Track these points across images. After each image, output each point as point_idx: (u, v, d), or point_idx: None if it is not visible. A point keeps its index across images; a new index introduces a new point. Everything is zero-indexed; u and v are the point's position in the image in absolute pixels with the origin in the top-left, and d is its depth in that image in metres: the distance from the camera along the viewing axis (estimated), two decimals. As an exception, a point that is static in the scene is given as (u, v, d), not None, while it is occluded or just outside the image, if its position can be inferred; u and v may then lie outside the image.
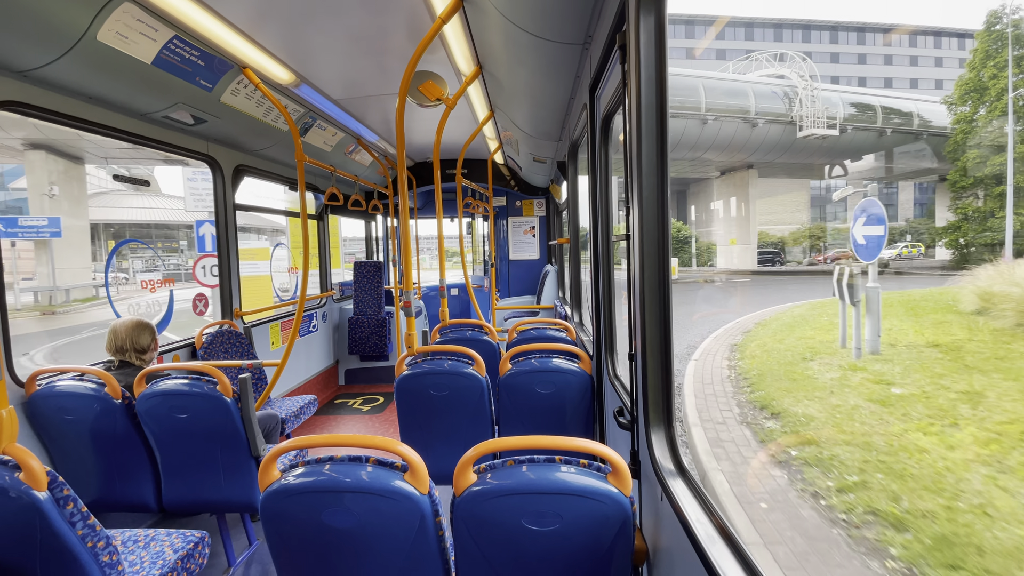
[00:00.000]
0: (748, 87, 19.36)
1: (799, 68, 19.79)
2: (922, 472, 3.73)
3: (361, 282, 5.92)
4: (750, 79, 20.80)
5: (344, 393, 5.81)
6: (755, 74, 22.42)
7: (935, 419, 4.61)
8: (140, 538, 1.93)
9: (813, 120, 18.40)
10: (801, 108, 18.55)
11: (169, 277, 5.25)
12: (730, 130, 18.94)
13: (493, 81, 3.13)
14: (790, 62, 21.16)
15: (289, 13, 2.44)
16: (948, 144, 11.83)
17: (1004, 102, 8.54)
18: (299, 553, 1.36)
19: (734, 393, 6.01)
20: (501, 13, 1.97)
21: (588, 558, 1.26)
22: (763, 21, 34.86)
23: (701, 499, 1.14)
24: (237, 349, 3.72)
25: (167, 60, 2.50)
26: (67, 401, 2.25)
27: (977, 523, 3.07)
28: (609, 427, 2.33)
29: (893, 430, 4.57)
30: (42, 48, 2.08)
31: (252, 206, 4.34)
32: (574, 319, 4.42)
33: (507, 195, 7.44)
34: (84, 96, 2.52)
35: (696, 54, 38.38)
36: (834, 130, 18.11)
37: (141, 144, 3.04)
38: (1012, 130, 8.22)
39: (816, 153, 19.31)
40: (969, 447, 3.95)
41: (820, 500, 3.57)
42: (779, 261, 22.77)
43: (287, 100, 3.56)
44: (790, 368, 6.68)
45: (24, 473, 1.37)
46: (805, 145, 18.95)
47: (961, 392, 5.10)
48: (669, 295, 1.32)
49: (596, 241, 2.52)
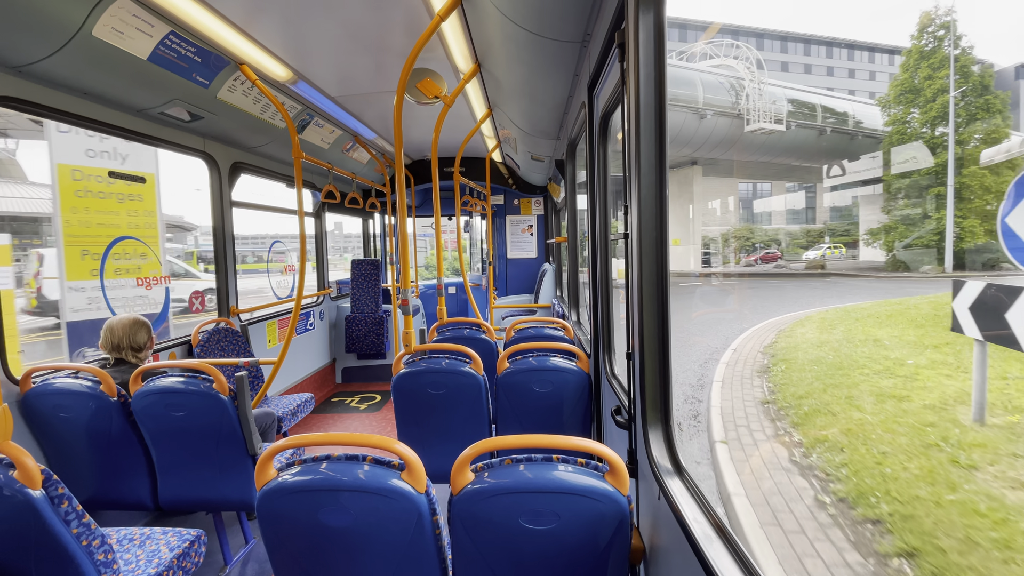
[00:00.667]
0: (696, 76, 18.72)
1: (746, 58, 19.03)
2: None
3: (358, 280, 5.91)
4: (699, 67, 20.18)
5: (341, 391, 5.80)
6: (704, 64, 21.66)
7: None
8: (136, 536, 1.93)
9: (760, 114, 17.47)
10: (748, 101, 17.87)
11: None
12: (678, 121, 18.36)
13: (491, 79, 3.12)
14: (738, 52, 20.36)
15: (286, 9, 2.42)
16: (882, 145, 11.77)
17: (940, 103, 8.46)
18: (295, 552, 1.35)
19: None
20: (500, 10, 1.97)
21: (585, 557, 1.26)
22: (747, 30, 34.84)
23: (698, 498, 1.14)
24: (234, 347, 3.71)
25: (163, 56, 2.49)
26: (62, 399, 2.24)
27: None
28: (607, 426, 2.33)
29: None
30: (37, 43, 2.06)
31: (249, 203, 4.32)
32: (572, 318, 4.42)
33: (505, 193, 7.43)
34: (79, 92, 2.51)
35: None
36: (781, 125, 17.51)
37: (137, 140, 3.03)
38: (952, 132, 8.12)
39: (759, 151, 18.75)
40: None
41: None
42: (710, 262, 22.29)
43: (284, 97, 3.54)
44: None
45: (18, 471, 1.36)
46: (751, 141, 18.46)
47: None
48: (667, 294, 1.32)
49: (594, 240, 2.52)
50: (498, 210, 7.48)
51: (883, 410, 4.94)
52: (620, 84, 1.47)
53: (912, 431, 4.35)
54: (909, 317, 7.85)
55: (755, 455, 4.20)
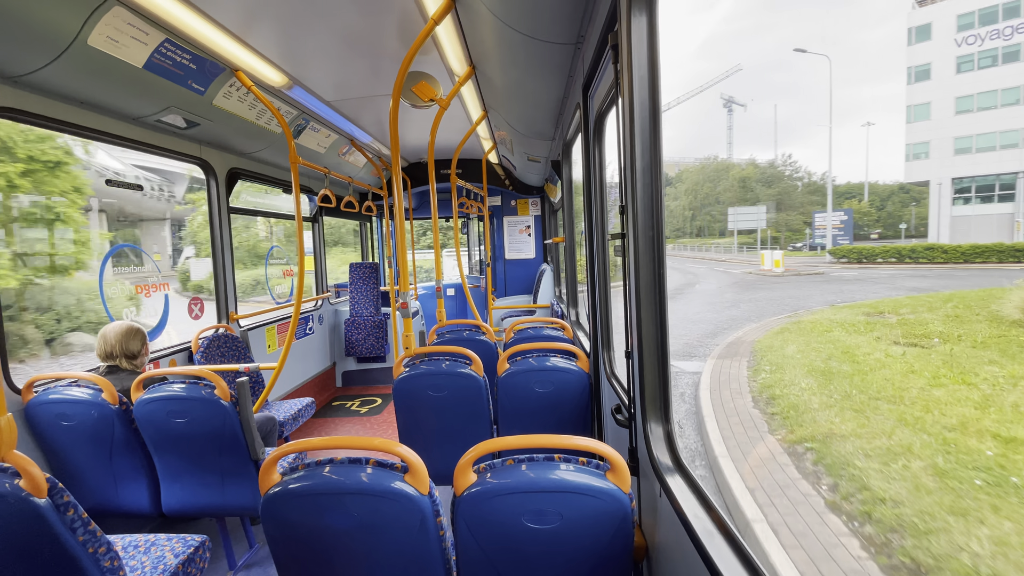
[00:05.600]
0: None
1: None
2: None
3: (357, 283, 5.91)
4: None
5: (342, 395, 5.80)
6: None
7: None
8: (141, 543, 1.93)
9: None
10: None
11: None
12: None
13: (486, 81, 3.13)
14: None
15: (280, 15, 2.43)
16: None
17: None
18: (300, 555, 1.36)
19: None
20: (493, 13, 1.98)
21: (588, 555, 1.27)
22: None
23: (699, 495, 1.15)
24: (234, 353, 3.71)
25: (159, 64, 2.49)
26: (64, 407, 2.24)
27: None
28: (607, 425, 2.34)
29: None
30: (33, 53, 2.07)
31: (246, 209, 4.32)
32: (571, 317, 4.44)
33: (502, 195, 7.44)
34: (76, 101, 2.51)
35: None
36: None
37: (134, 148, 3.03)
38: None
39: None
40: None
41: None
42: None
43: (280, 102, 3.55)
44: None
45: (24, 480, 1.37)
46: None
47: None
48: (665, 293, 1.33)
49: (591, 240, 2.53)
50: (495, 211, 7.49)
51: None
52: (614, 85, 1.48)
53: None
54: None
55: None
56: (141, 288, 3.92)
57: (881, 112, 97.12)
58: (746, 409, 5.50)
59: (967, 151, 30.86)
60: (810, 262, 29.54)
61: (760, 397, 5.90)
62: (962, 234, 29.48)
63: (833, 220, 32.90)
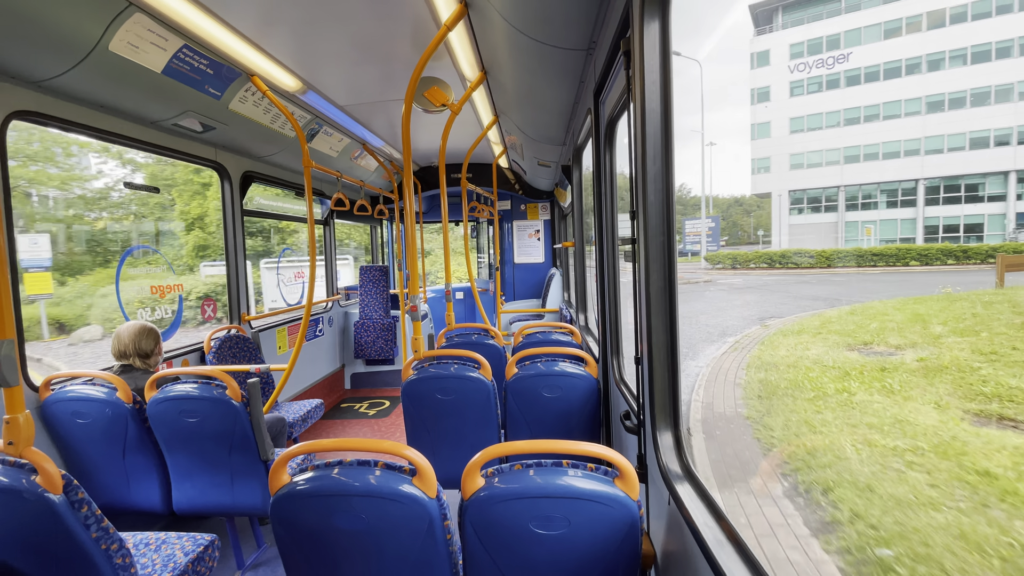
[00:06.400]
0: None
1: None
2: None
3: (367, 286, 5.95)
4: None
5: (350, 397, 5.83)
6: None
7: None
8: (151, 541, 1.95)
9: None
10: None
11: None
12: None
13: (498, 86, 3.15)
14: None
15: (296, 21, 2.47)
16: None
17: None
18: (308, 556, 1.37)
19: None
20: (505, 20, 1.99)
21: (596, 562, 1.26)
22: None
23: (709, 503, 1.14)
24: (245, 354, 3.75)
25: (177, 69, 2.54)
26: (80, 405, 2.28)
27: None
28: (615, 431, 2.33)
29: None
30: (56, 59, 2.12)
31: (259, 212, 4.38)
32: (580, 323, 4.42)
33: (512, 199, 7.46)
34: (96, 105, 2.56)
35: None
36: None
37: (152, 152, 3.09)
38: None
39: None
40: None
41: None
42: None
43: (294, 107, 3.59)
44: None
45: (40, 476, 1.39)
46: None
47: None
48: (675, 299, 1.33)
49: (601, 245, 2.53)
50: (505, 215, 7.51)
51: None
52: (626, 91, 1.48)
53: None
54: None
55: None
56: (155, 288, 4.00)
57: (731, 132, 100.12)
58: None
59: (800, 166, 36.10)
60: (690, 268, 29.80)
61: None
62: (798, 240, 34.55)
63: (703, 227, 33.96)
